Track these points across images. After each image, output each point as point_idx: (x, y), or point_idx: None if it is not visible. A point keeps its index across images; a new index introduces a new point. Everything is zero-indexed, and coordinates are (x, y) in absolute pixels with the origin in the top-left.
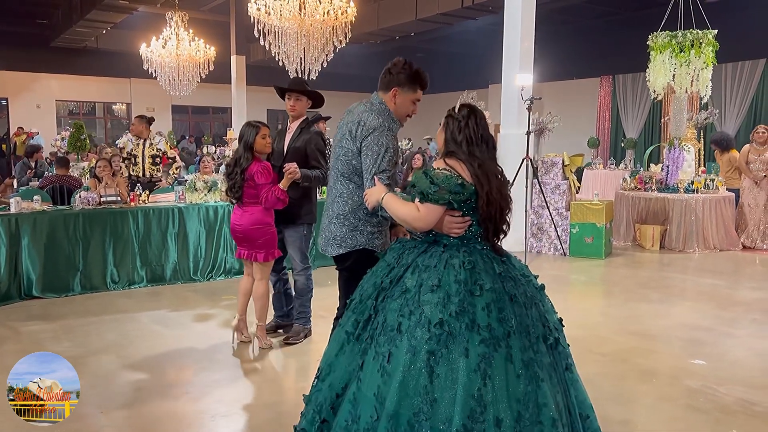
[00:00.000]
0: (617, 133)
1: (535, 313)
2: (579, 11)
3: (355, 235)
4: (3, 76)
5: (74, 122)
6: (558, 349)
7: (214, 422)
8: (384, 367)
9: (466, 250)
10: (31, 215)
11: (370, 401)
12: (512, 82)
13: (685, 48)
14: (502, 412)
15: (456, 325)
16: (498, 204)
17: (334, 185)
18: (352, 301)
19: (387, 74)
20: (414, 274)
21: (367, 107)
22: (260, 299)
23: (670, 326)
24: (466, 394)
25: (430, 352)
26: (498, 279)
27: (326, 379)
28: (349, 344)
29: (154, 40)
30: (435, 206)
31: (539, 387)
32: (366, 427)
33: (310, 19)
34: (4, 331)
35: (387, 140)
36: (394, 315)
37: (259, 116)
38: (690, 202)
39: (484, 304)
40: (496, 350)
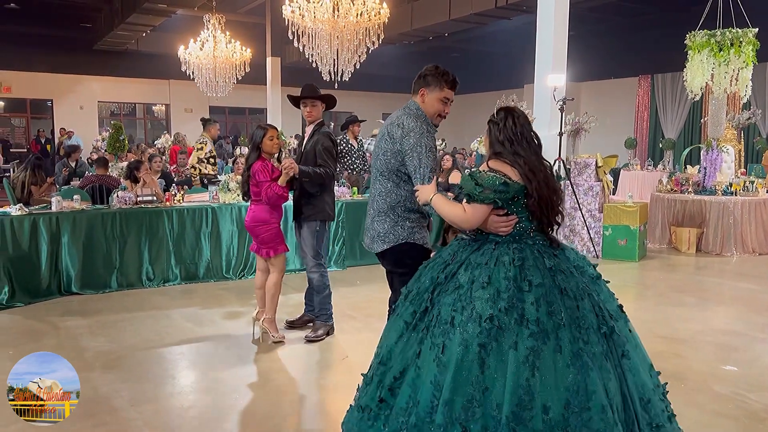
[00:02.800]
0: (656, 133)
1: (587, 305)
2: (617, 10)
3: (397, 230)
4: (48, 78)
5: (113, 123)
6: (613, 338)
7: (242, 417)
8: (439, 358)
9: (516, 247)
10: (70, 214)
11: (428, 388)
12: (545, 83)
13: (724, 47)
14: (550, 400)
15: (505, 320)
16: (548, 197)
17: (374, 184)
18: (409, 293)
19: (416, 81)
20: (467, 270)
21: (405, 111)
22: (268, 292)
23: (701, 331)
24: (515, 384)
25: (481, 345)
26: (548, 273)
27: (387, 363)
28: (407, 333)
29: (192, 42)
30: (481, 206)
31: (588, 375)
32: (426, 410)
33: (344, 21)
34: (43, 326)
35: (428, 140)
36: (447, 309)
37: (294, 116)
38: (728, 204)
39: (533, 299)
40: (545, 343)
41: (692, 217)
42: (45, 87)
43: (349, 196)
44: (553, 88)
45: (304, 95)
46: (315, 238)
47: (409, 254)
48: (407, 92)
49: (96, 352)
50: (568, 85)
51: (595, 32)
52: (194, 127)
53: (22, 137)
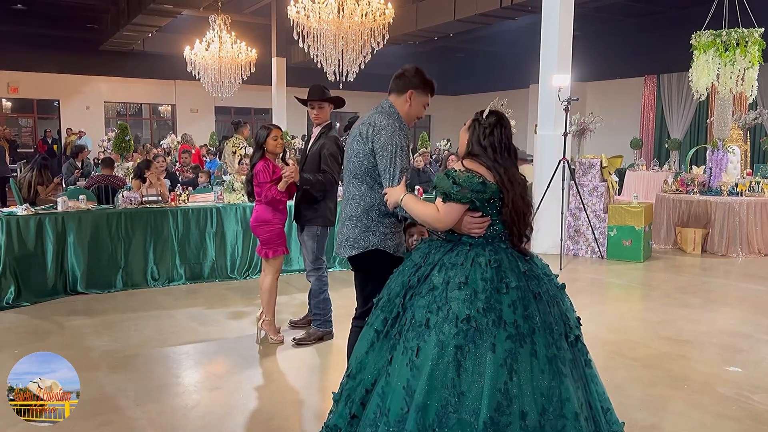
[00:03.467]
0: (661, 133)
1: (557, 311)
2: (622, 10)
3: (368, 236)
4: (55, 79)
5: (119, 123)
6: (578, 346)
7: (245, 417)
8: (413, 361)
9: (491, 249)
10: (76, 214)
11: (399, 394)
12: (549, 83)
13: (730, 47)
14: (527, 406)
15: (483, 321)
16: (521, 210)
17: (347, 187)
18: (380, 300)
19: (401, 78)
20: (441, 271)
21: (377, 110)
22: (264, 293)
23: (706, 332)
24: (493, 387)
25: (457, 347)
26: (523, 277)
27: (357, 376)
28: (378, 342)
29: (198, 42)
30: (457, 205)
31: (562, 382)
32: (396, 418)
33: (349, 21)
34: (49, 325)
35: (400, 139)
36: (422, 311)
37: (299, 117)
38: (733, 205)
39: (510, 301)
40: (521, 346)
41: (698, 218)
42: (52, 87)
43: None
44: (558, 89)
45: (312, 97)
46: (315, 242)
47: (376, 261)
48: None
49: (101, 352)
50: (574, 85)
51: (600, 32)
52: (200, 127)
53: (29, 137)
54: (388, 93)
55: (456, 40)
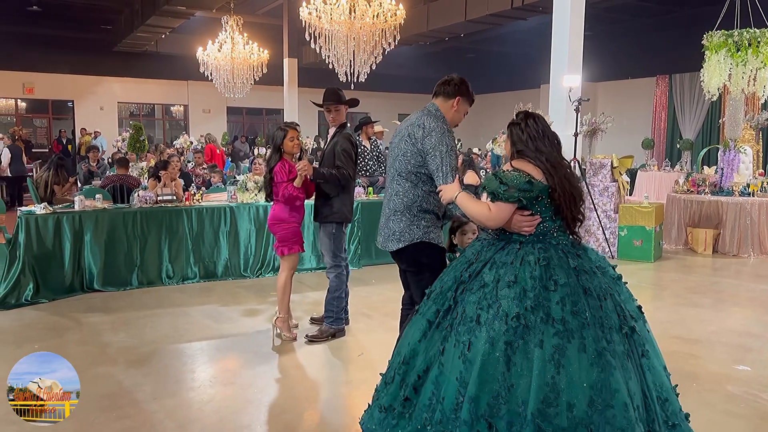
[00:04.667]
0: (673, 134)
1: (609, 304)
2: (634, 10)
3: (412, 229)
4: (69, 79)
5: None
6: (633, 337)
7: (259, 411)
8: (465, 355)
9: (541, 247)
10: (93, 213)
11: (453, 384)
12: (560, 84)
13: (742, 47)
14: (575, 398)
15: (531, 319)
16: (569, 192)
17: (391, 184)
18: (432, 292)
19: (449, 85)
20: (492, 269)
21: (424, 113)
22: (278, 291)
23: (716, 331)
24: (541, 381)
25: (507, 343)
26: (573, 273)
27: (410, 362)
28: (430, 331)
29: (210, 43)
30: (505, 204)
31: (611, 374)
32: (451, 406)
33: (360, 23)
34: (67, 321)
35: (449, 140)
36: (473, 307)
37: (311, 117)
38: (745, 205)
39: (558, 298)
40: (569, 341)
41: (709, 218)
42: (66, 88)
43: (364, 196)
44: (569, 89)
45: (328, 101)
46: (331, 239)
47: (424, 253)
48: (423, 93)
49: (118, 348)
50: (585, 85)
51: (612, 32)
52: (213, 127)
53: (43, 137)
54: (433, 96)
55: (467, 40)
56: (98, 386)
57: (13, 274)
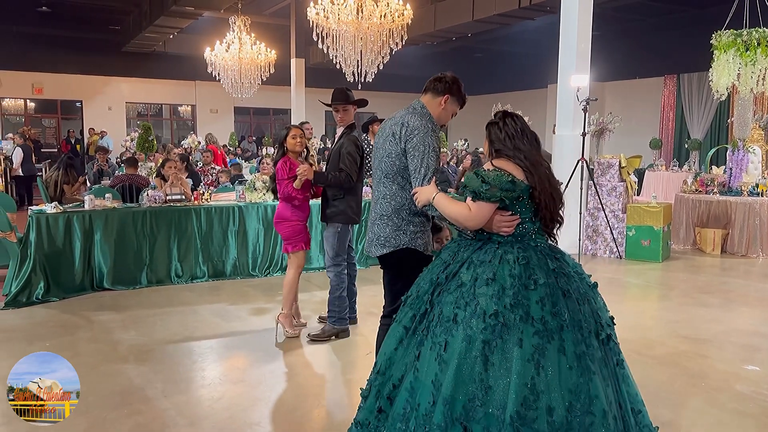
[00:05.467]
0: (681, 133)
1: (587, 309)
2: (642, 9)
3: (399, 235)
4: (78, 80)
5: (142, 124)
6: (609, 345)
7: (269, 409)
8: (441, 356)
9: (520, 247)
10: (103, 212)
11: (427, 388)
12: (568, 84)
13: (751, 47)
14: (554, 401)
15: (510, 317)
16: (548, 192)
17: (378, 187)
18: (408, 297)
19: (440, 82)
20: (469, 269)
21: (409, 110)
22: (284, 287)
23: (724, 331)
24: (520, 382)
25: (485, 342)
26: (552, 274)
27: (386, 372)
28: (407, 338)
29: (218, 44)
30: (487, 204)
31: (591, 380)
32: (424, 412)
33: (367, 23)
34: (78, 319)
35: (432, 140)
36: (450, 307)
37: (317, 117)
38: (754, 205)
39: (538, 297)
40: (549, 342)
41: (717, 218)
42: (75, 88)
43: (370, 196)
44: (577, 89)
45: (336, 101)
46: (335, 239)
47: (407, 260)
48: None
49: (129, 345)
50: (593, 85)
51: (619, 32)
52: (220, 127)
53: (52, 138)
54: (423, 92)
55: (474, 40)
56: (110, 383)
57: (25, 273)
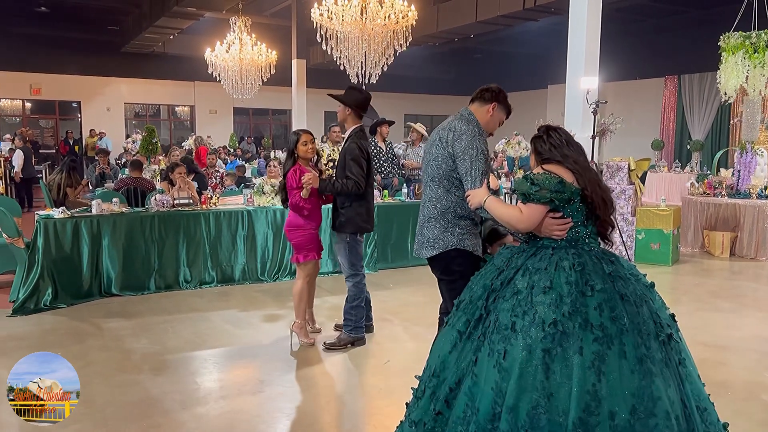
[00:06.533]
0: (682, 134)
1: (645, 311)
2: (644, 10)
3: (446, 236)
4: (76, 80)
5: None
6: (671, 344)
7: (290, 421)
8: (500, 364)
9: (575, 252)
10: (110, 217)
11: (488, 395)
12: (576, 85)
13: (759, 49)
14: (617, 406)
15: (569, 325)
16: (599, 194)
17: (425, 190)
18: (461, 302)
19: (487, 92)
20: (525, 276)
21: (457, 117)
22: (294, 297)
23: (743, 338)
24: (581, 389)
25: (545, 350)
26: (608, 279)
27: (440, 374)
28: (461, 342)
29: (218, 44)
30: (537, 206)
31: (653, 382)
32: (487, 417)
33: (372, 24)
34: (87, 327)
35: (480, 143)
36: (506, 315)
37: (317, 118)
38: (763, 208)
39: (596, 303)
40: (609, 348)
41: (726, 221)
42: (73, 89)
43: (380, 199)
44: (586, 91)
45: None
46: (347, 249)
47: (457, 261)
48: (430, 93)
49: (142, 354)
50: None
51: (621, 32)
52: (219, 128)
53: (50, 138)
54: (470, 102)
55: (475, 41)
56: (126, 394)
57: (32, 279)
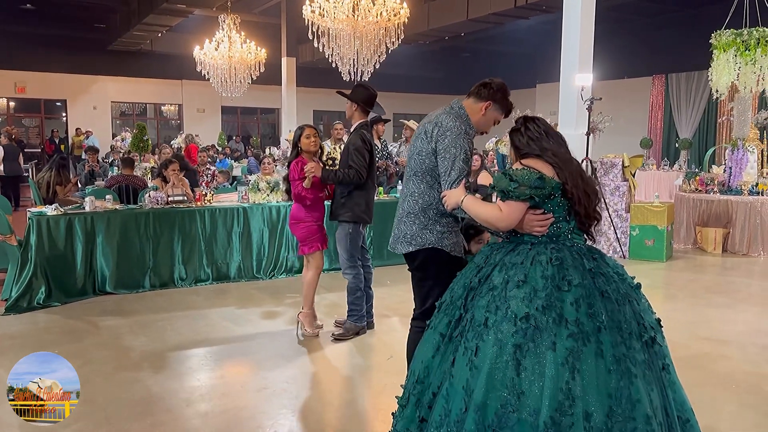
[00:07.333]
0: (670, 133)
1: (628, 310)
2: (633, 9)
3: (425, 234)
4: (62, 78)
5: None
6: (654, 348)
7: (295, 417)
8: (472, 361)
9: (554, 247)
10: (104, 214)
11: (459, 394)
12: (571, 83)
13: (751, 46)
14: (592, 406)
15: (542, 319)
16: (581, 188)
17: (406, 184)
18: (442, 303)
19: (485, 88)
20: (501, 271)
21: (446, 110)
22: (303, 286)
23: (743, 332)
24: (554, 387)
25: (516, 346)
26: (588, 275)
27: (424, 380)
28: (443, 345)
29: (207, 42)
30: (517, 203)
31: (632, 383)
32: (456, 419)
33: (364, 21)
34: (84, 325)
35: (463, 142)
36: (481, 311)
37: (306, 117)
38: (755, 204)
39: (572, 299)
40: (585, 345)
41: (718, 217)
42: (59, 87)
43: (375, 196)
44: (581, 88)
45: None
46: (347, 239)
47: (433, 260)
48: (418, 92)
49: (141, 352)
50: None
51: (609, 32)
52: (207, 127)
53: (35, 137)
54: (467, 95)
55: (465, 39)
56: (128, 392)
57: (25, 277)
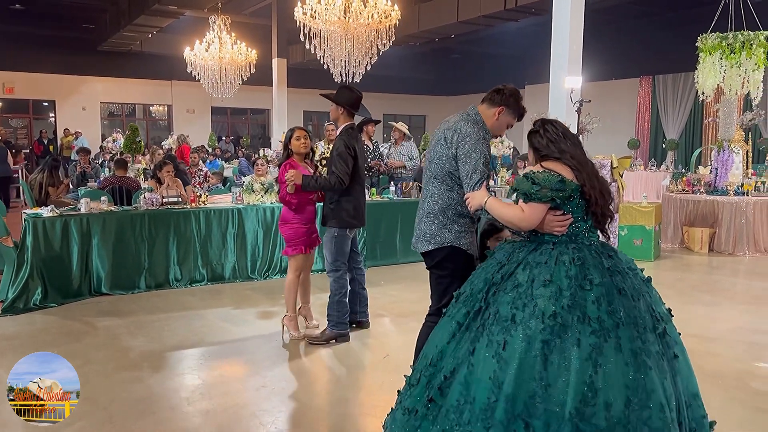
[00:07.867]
0: (657, 134)
1: (642, 305)
2: (621, 11)
3: (443, 233)
4: (51, 79)
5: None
6: (665, 339)
7: (296, 415)
8: (499, 354)
9: (575, 247)
10: (100, 215)
11: (485, 385)
12: (560, 84)
13: (736, 50)
14: (612, 397)
15: (568, 318)
16: (598, 188)
17: (426, 186)
18: (461, 294)
19: (498, 93)
20: (525, 270)
21: (463, 117)
22: (285, 290)
23: (729, 329)
24: (578, 380)
25: (544, 342)
26: (607, 273)
27: (437, 364)
28: (460, 333)
29: (198, 43)
30: (539, 205)
31: (647, 374)
32: (483, 407)
33: (355, 23)
34: (82, 326)
35: (482, 147)
36: (507, 307)
37: (296, 118)
38: (740, 204)
39: (594, 297)
40: (606, 341)
41: (704, 218)
42: (48, 88)
43: (368, 198)
44: (570, 90)
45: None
46: (332, 244)
47: (451, 258)
48: (409, 93)
49: (140, 352)
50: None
51: (596, 33)
52: (197, 127)
53: (23, 138)
54: (481, 101)
55: (454, 41)
56: (129, 391)
57: (21, 279)
